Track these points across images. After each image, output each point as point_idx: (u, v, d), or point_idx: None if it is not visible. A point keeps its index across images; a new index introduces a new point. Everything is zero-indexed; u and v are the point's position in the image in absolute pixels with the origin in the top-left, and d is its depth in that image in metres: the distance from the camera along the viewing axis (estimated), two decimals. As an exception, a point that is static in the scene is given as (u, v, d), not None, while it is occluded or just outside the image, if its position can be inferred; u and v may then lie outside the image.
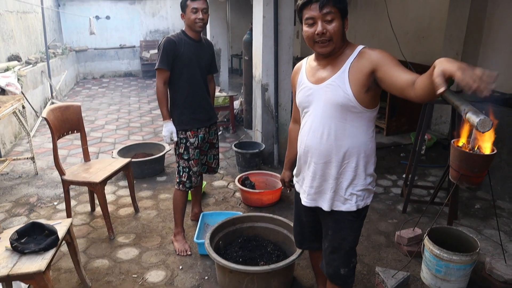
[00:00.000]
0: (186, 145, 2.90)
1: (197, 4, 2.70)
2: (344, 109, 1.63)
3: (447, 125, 5.51)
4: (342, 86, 1.61)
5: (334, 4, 1.55)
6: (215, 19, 8.09)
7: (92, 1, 11.06)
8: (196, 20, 2.72)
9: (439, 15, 5.73)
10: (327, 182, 1.75)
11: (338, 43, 1.61)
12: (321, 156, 1.72)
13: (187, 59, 2.78)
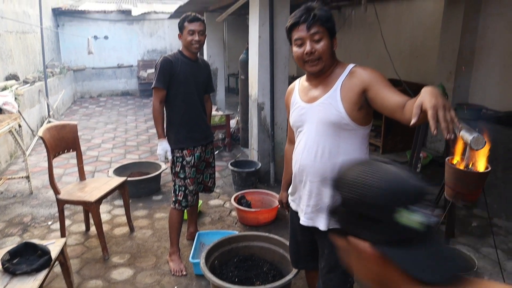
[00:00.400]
0: (182, 163, 2.90)
1: (193, 26, 2.76)
2: (337, 127, 1.64)
3: (442, 143, 5.54)
4: (334, 104, 1.63)
5: (321, 23, 1.58)
6: (212, 39, 8.20)
7: (90, 21, 11.22)
8: (192, 42, 2.78)
9: (432, 35, 5.84)
10: (323, 200, 1.74)
11: (327, 61, 1.64)
12: (316, 174, 1.72)
13: (183, 79, 2.81)
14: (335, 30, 1.64)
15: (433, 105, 1.16)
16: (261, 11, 4.25)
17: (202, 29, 2.79)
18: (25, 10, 7.87)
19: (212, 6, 7.14)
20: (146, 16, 11.51)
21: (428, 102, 1.17)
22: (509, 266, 2.96)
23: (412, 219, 0.68)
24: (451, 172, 2.35)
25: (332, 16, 1.63)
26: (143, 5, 12.27)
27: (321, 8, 1.62)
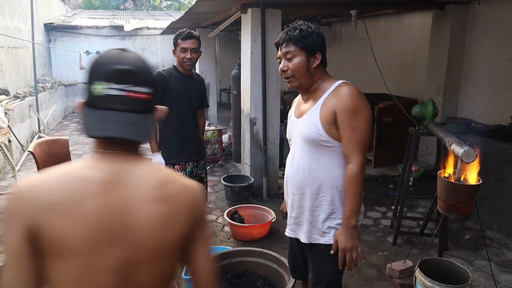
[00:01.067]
0: None
1: (186, 44, 2.77)
2: (317, 143, 1.68)
3: (434, 156, 5.58)
4: (314, 122, 1.67)
5: (293, 42, 1.66)
6: (204, 55, 8.24)
7: (83, 36, 11.25)
8: (185, 59, 2.79)
9: (422, 51, 5.95)
10: (304, 214, 1.78)
11: (303, 79, 1.69)
12: (297, 187, 1.78)
13: (176, 94, 2.82)
14: (314, 47, 1.67)
15: (342, 248, 1.66)
16: (253, 27, 4.30)
17: (195, 46, 2.80)
18: (17, 25, 7.87)
19: (204, 22, 7.22)
20: (138, 31, 11.57)
21: (340, 243, 1.67)
22: (503, 279, 2.96)
23: (97, 89, 0.90)
24: (443, 185, 2.36)
25: (310, 34, 1.66)
26: (136, 21, 12.37)
27: (299, 28, 1.67)
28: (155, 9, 19.79)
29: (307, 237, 1.78)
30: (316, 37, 1.67)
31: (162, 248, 0.89)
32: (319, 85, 1.71)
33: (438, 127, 3.10)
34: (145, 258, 0.87)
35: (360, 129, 1.60)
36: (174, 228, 0.90)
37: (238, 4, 4.44)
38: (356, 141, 1.60)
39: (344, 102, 1.61)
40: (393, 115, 5.54)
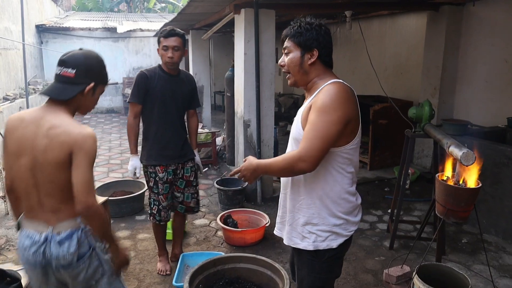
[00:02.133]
0: (155, 179, 2.87)
1: (167, 41, 2.67)
2: (298, 142, 1.61)
3: (429, 158, 5.54)
4: (298, 122, 1.63)
5: (289, 38, 1.63)
6: (198, 56, 8.18)
7: (75, 38, 11.12)
8: (166, 58, 2.70)
9: (416, 52, 5.92)
10: (286, 214, 1.76)
11: (297, 75, 1.65)
12: (282, 186, 1.78)
13: (159, 94, 2.74)
14: (309, 44, 1.60)
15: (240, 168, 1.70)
16: (246, 28, 4.23)
17: (177, 44, 2.68)
18: (7, 26, 7.74)
19: (197, 24, 7.13)
20: (132, 33, 11.47)
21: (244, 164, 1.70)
22: (502, 284, 2.90)
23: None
24: (442, 188, 2.30)
25: (309, 31, 1.60)
26: (129, 23, 12.26)
27: (298, 24, 1.63)
28: (149, 11, 19.68)
29: (288, 239, 1.76)
30: (314, 33, 1.60)
31: (47, 162, 1.52)
32: (315, 83, 1.64)
33: (435, 129, 3.04)
34: (40, 165, 1.53)
35: (316, 125, 1.49)
36: (51, 153, 1.52)
37: (231, 4, 4.36)
38: (306, 135, 1.51)
39: (317, 100, 1.54)
40: (388, 117, 5.49)
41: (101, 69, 1.72)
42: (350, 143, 1.59)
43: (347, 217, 1.67)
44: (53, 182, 1.54)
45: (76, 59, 1.62)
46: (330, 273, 1.76)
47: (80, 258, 1.60)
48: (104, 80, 1.73)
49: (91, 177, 1.55)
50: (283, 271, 2.46)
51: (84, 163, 1.52)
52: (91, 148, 1.55)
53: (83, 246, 1.61)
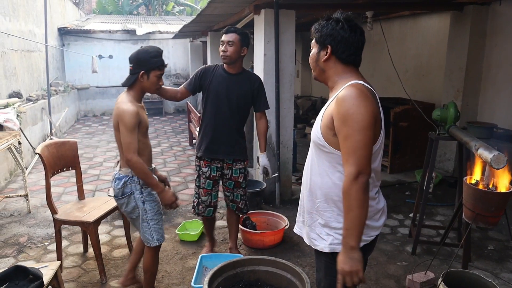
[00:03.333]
0: (199, 172, 2.98)
1: (223, 37, 2.81)
2: (317, 147, 1.60)
3: (452, 162, 5.40)
4: (317, 124, 1.59)
5: (312, 34, 1.64)
6: (217, 58, 8.19)
7: (96, 41, 11.31)
8: (221, 53, 2.81)
9: (438, 53, 5.79)
10: (305, 215, 1.73)
11: (316, 71, 1.65)
12: (303, 186, 1.74)
13: (212, 91, 2.85)
14: (323, 40, 1.56)
15: (340, 270, 1.48)
16: (266, 29, 4.20)
17: (231, 39, 2.77)
18: (31, 29, 7.92)
19: (216, 25, 7.15)
20: (151, 35, 11.59)
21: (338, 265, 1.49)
22: (531, 294, 2.79)
23: None
24: (470, 192, 2.21)
25: (324, 27, 1.57)
26: (148, 25, 12.39)
27: (324, 19, 1.61)
28: (167, 14, 19.89)
29: (307, 239, 1.73)
30: (329, 29, 1.53)
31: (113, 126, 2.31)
32: (336, 83, 1.59)
33: (461, 131, 2.95)
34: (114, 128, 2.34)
35: (351, 138, 1.43)
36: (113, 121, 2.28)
37: (251, 5, 4.35)
38: (347, 152, 1.45)
39: (337, 108, 1.47)
40: (409, 119, 5.38)
41: (150, 59, 2.29)
42: None
43: (366, 222, 1.58)
44: (117, 141, 2.31)
45: (132, 55, 2.31)
46: None
47: (122, 195, 2.34)
48: (153, 66, 2.29)
49: (130, 140, 2.21)
50: (304, 274, 2.41)
51: (123, 130, 2.20)
52: (127, 119, 2.20)
53: (126, 187, 2.33)
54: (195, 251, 3.44)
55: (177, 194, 2.57)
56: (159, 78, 2.36)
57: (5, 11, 6.50)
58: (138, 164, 2.24)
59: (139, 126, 2.32)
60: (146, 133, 2.46)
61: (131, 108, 2.24)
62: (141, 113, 2.36)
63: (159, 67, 2.32)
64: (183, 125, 9.73)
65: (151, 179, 2.34)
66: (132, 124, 2.23)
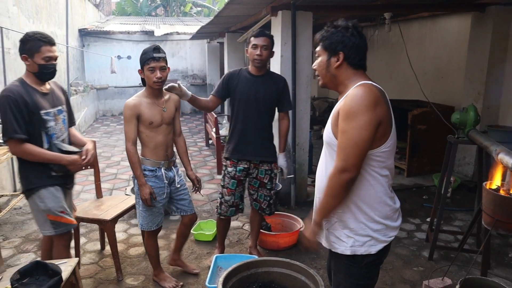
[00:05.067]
0: (224, 172, 3.02)
1: (257, 41, 2.83)
2: (330, 146, 1.61)
3: (471, 166, 5.30)
4: (328, 125, 1.61)
5: (319, 41, 1.64)
6: (233, 59, 8.24)
7: (115, 41, 11.50)
8: (255, 56, 2.84)
9: (458, 55, 5.69)
10: None
11: (326, 78, 1.64)
12: (318, 190, 1.72)
13: (239, 93, 2.91)
14: (334, 47, 1.58)
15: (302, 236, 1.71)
16: (283, 30, 4.20)
17: (266, 44, 2.82)
18: (53, 31, 8.11)
19: (233, 26, 7.18)
20: (169, 36, 11.72)
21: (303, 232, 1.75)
22: (553, 303, 2.71)
23: None
24: (490, 198, 2.17)
25: (334, 34, 1.59)
26: (166, 26, 12.54)
27: (326, 27, 1.64)
28: (185, 15, 20.08)
29: (326, 242, 1.72)
30: (340, 36, 1.57)
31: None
32: (346, 87, 1.61)
33: (481, 135, 2.89)
34: None
35: (347, 134, 1.48)
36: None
37: (268, 6, 4.35)
38: (340, 146, 1.51)
39: (343, 104, 1.52)
40: (428, 122, 5.30)
41: (141, 56, 2.57)
42: (382, 146, 1.54)
43: (386, 222, 1.62)
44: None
45: None
46: (368, 280, 1.71)
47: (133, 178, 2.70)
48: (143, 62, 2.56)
49: (126, 130, 2.59)
50: (318, 277, 2.40)
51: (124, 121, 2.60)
52: (124, 111, 2.59)
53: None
54: (210, 251, 3.46)
55: (154, 194, 2.65)
56: (151, 71, 2.54)
57: (29, 13, 6.68)
58: (129, 152, 2.60)
59: (140, 119, 2.61)
60: (151, 127, 2.64)
61: (129, 101, 2.59)
62: (142, 107, 2.59)
63: (147, 61, 2.52)
64: (200, 125, 9.80)
65: (136, 170, 2.62)
66: (127, 115, 2.58)
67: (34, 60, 2.29)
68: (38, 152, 2.31)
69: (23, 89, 2.29)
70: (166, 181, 2.74)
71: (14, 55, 5.87)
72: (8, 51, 5.55)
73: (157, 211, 2.75)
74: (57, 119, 2.44)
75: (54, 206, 2.38)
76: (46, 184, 2.38)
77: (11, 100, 2.21)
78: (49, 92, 2.44)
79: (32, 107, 2.28)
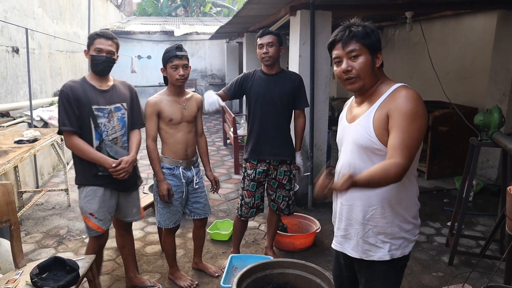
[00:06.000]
0: (244, 174, 3.03)
1: (262, 40, 2.86)
2: (368, 151, 1.53)
3: (495, 169, 5.14)
4: (366, 127, 1.53)
5: (357, 40, 1.52)
6: (252, 59, 8.24)
7: (135, 41, 11.68)
8: (262, 55, 2.86)
9: (483, 55, 5.53)
10: (353, 227, 1.65)
11: (367, 79, 1.55)
12: (346, 198, 1.64)
13: (254, 94, 2.92)
14: (377, 46, 1.54)
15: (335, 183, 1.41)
16: (302, 30, 4.17)
17: (270, 40, 2.82)
18: (76, 31, 8.29)
19: (252, 26, 7.18)
20: (188, 36, 11.83)
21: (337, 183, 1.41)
22: None
23: None
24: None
25: (373, 32, 1.54)
26: (186, 26, 12.65)
27: (360, 25, 1.55)
28: (205, 15, 20.23)
29: (360, 252, 1.65)
30: (377, 35, 1.56)
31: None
32: (377, 87, 1.57)
33: (506, 138, 2.79)
34: None
35: (411, 134, 1.42)
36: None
37: (287, 6, 4.33)
38: (402, 143, 1.41)
39: (400, 105, 1.46)
40: (450, 124, 5.17)
41: (164, 55, 2.61)
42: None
43: (415, 221, 1.64)
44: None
45: None
46: (400, 283, 1.69)
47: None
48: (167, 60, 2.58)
49: (147, 126, 2.64)
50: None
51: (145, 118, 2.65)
52: (144, 108, 2.63)
53: None
54: (226, 250, 3.47)
55: (172, 191, 2.70)
56: (174, 69, 2.58)
57: (53, 14, 6.84)
58: (149, 149, 2.67)
59: (160, 116, 2.66)
60: (171, 124, 2.68)
61: (150, 99, 2.66)
62: (162, 104, 2.65)
63: (170, 59, 2.57)
64: (218, 125, 9.84)
65: (154, 166, 2.69)
66: (148, 112, 2.65)
67: (90, 52, 2.38)
68: (85, 149, 2.36)
69: (79, 85, 2.38)
70: (184, 180, 2.76)
71: (38, 55, 6.02)
72: (33, 51, 5.70)
73: (174, 209, 2.78)
74: (112, 116, 2.47)
75: (86, 207, 2.44)
76: (88, 183, 2.45)
77: (64, 94, 2.33)
78: (109, 89, 2.49)
79: (84, 102, 2.34)
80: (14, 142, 3.73)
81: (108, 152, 2.42)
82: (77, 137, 2.34)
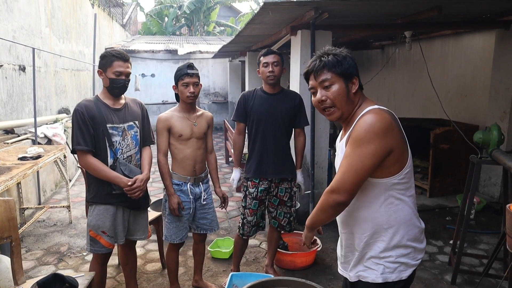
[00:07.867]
0: (246, 193, 3.03)
1: (267, 59, 2.88)
2: None
3: (497, 187, 5.12)
4: (342, 153, 1.54)
5: (328, 69, 1.51)
6: (254, 77, 8.34)
7: (139, 60, 11.85)
8: (267, 74, 2.88)
9: (482, 73, 5.58)
10: (353, 253, 1.65)
11: (345, 107, 1.54)
12: (343, 226, 1.67)
13: (256, 113, 2.93)
14: (351, 71, 1.53)
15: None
16: (302, 50, 4.24)
17: (276, 60, 2.87)
18: (81, 50, 8.44)
19: (254, 45, 7.30)
20: (192, 55, 11.99)
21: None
22: None
23: None
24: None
25: (345, 59, 1.52)
26: (189, 45, 12.85)
27: (331, 53, 1.54)
28: (208, 34, 20.56)
29: (354, 274, 1.64)
30: (350, 61, 1.54)
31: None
32: (355, 111, 1.56)
33: (505, 155, 2.80)
34: None
35: (350, 159, 1.44)
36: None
37: (288, 26, 4.42)
38: (341, 168, 1.47)
39: (353, 131, 1.47)
40: (451, 141, 5.18)
41: (175, 73, 2.72)
42: (404, 168, 1.50)
43: (414, 245, 1.58)
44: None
45: None
46: None
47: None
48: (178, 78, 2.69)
49: (158, 142, 2.75)
50: (334, 299, 2.35)
51: (156, 134, 2.72)
52: (156, 124, 2.74)
53: None
54: (226, 268, 3.45)
55: (182, 204, 2.75)
56: (185, 86, 2.68)
57: (60, 33, 6.99)
58: (159, 163, 2.75)
59: (171, 131, 2.74)
60: (181, 139, 2.75)
61: (162, 115, 2.76)
62: (173, 120, 2.72)
63: (181, 77, 2.66)
64: (220, 142, 9.88)
65: (165, 180, 2.75)
66: (159, 128, 2.74)
67: (107, 74, 2.40)
68: (100, 168, 2.35)
69: (93, 104, 2.39)
70: (191, 196, 2.79)
71: (44, 73, 6.13)
72: (39, 69, 5.81)
73: (181, 225, 2.80)
74: (125, 134, 2.49)
75: (97, 224, 2.43)
76: (101, 202, 2.44)
77: (78, 113, 2.32)
78: (122, 108, 2.51)
79: (99, 120, 2.35)
80: (17, 159, 3.77)
81: (122, 170, 2.42)
82: (91, 156, 2.35)
